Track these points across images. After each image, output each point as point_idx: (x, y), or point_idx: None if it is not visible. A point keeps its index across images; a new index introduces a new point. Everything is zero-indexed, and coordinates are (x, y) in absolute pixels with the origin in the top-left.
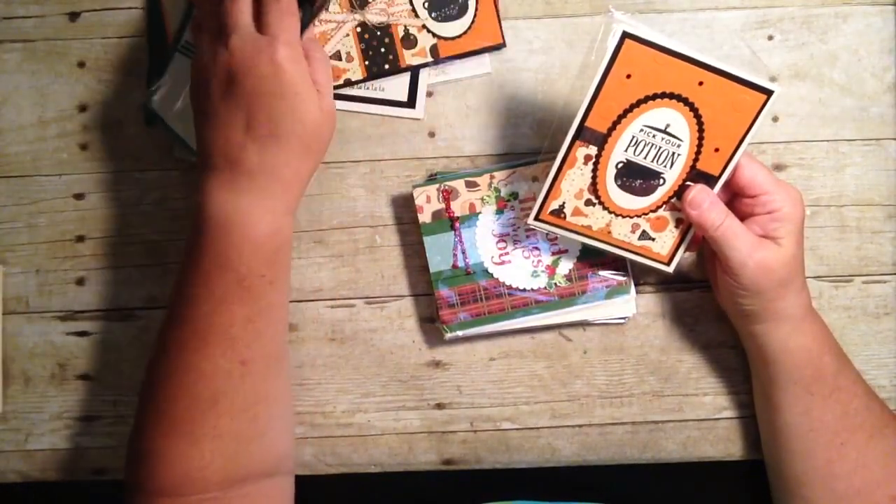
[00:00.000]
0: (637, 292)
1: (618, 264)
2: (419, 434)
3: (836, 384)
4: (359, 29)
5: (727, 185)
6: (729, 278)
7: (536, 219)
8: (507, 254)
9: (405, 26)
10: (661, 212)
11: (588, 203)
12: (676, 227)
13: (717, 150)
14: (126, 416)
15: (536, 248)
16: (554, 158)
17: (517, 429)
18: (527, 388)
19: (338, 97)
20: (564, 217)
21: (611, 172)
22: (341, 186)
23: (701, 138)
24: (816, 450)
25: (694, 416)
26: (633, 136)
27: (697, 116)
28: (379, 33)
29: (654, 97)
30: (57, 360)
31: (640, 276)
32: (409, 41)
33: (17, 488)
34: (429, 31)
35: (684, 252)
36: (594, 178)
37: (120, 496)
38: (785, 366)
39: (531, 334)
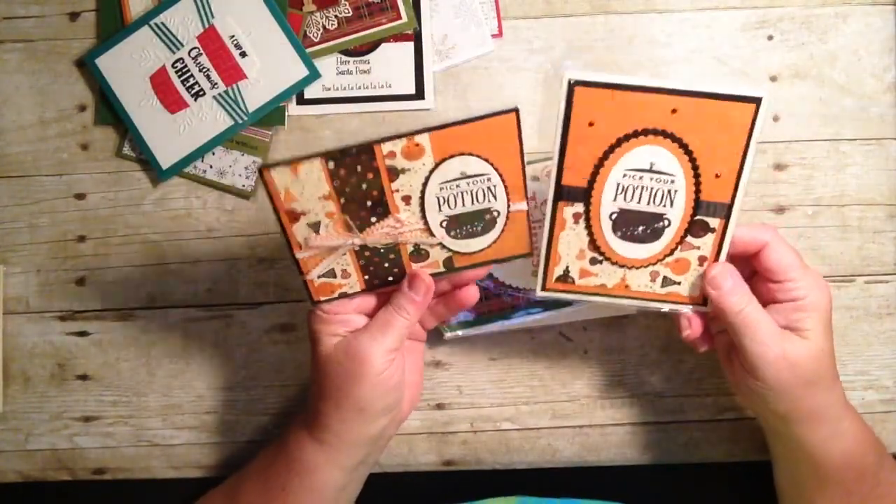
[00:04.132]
0: None
1: None
2: (419, 434)
3: (876, 480)
4: (357, 247)
5: (749, 260)
6: (747, 373)
7: (544, 289)
8: None
9: (416, 244)
10: (677, 254)
11: (594, 262)
12: (701, 265)
13: (717, 175)
14: (125, 416)
15: (536, 248)
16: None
17: (517, 429)
18: (527, 388)
19: (340, 100)
20: (573, 281)
21: (606, 225)
22: None
23: (695, 168)
24: None
25: (695, 417)
26: (619, 184)
27: (683, 146)
28: (383, 250)
29: (627, 138)
30: (57, 360)
31: None
32: (420, 255)
33: (17, 488)
34: (444, 247)
35: None
36: (590, 234)
37: (119, 496)
38: (822, 469)
39: (531, 334)
